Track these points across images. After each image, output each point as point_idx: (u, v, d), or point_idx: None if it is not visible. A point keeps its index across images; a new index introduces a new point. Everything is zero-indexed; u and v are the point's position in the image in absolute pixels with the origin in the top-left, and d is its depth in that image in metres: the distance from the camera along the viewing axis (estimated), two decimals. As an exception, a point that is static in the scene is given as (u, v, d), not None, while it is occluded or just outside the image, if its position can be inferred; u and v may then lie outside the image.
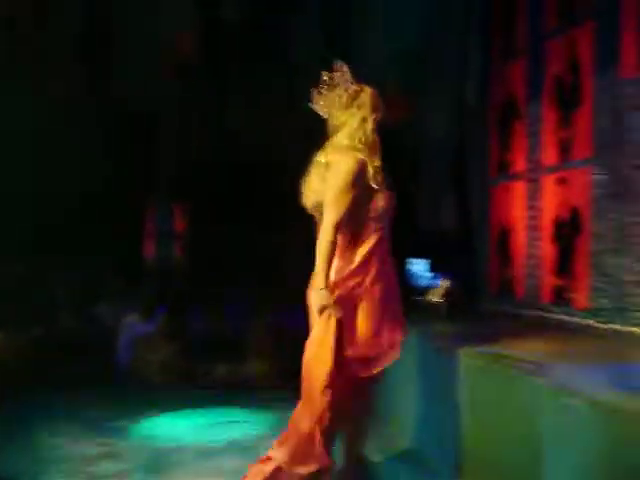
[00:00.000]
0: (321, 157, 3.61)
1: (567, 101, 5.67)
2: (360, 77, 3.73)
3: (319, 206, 3.51)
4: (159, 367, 6.72)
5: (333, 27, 8.38)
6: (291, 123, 9.12)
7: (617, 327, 4.93)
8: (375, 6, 7.59)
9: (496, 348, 3.89)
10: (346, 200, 3.39)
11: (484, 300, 6.92)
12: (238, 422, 5.36)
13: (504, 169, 6.70)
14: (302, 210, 3.68)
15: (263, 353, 6.73)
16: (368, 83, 3.76)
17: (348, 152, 3.52)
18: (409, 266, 7.29)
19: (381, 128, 3.72)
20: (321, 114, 3.73)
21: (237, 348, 6.82)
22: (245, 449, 4.60)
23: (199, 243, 9.81)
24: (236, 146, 9.62)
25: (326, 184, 3.46)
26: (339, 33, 8.22)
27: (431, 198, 3.91)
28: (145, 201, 9.25)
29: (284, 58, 8.85)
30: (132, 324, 7.09)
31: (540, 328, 5.40)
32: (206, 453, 4.56)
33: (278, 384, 6.52)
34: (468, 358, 3.77)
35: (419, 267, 6.42)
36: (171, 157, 9.30)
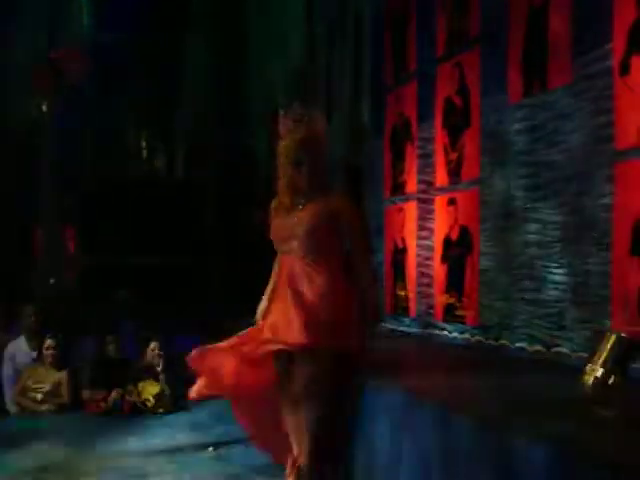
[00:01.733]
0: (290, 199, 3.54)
1: (456, 124, 5.82)
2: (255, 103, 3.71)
3: (287, 240, 3.48)
4: (45, 396, 6.45)
5: (222, 46, 8.37)
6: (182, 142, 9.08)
7: (505, 342, 5.06)
8: (266, 27, 7.62)
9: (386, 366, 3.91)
10: None
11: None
12: (129, 449, 5.18)
13: (398, 189, 6.81)
14: (201, 234, 3.62)
15: (155, 379, 6.56)
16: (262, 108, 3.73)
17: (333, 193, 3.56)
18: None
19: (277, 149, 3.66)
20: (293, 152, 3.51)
21: (129, 374, 6.63)
22: (137, 477, 4.45)
23: (90, 267, 9.57)
24: (133, 167, 9.48)
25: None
26: (229, 52, 8.21)
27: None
28: (32, 222, 8.96)
29: (174, 76, 8.79)
30: (17, 352, 6.78)
31: (431, 346, 5.48)
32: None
33: (170, 409, 6.39)
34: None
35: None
36: (59, 177, 9.04)
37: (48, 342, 6.58)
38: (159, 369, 6.63)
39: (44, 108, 8.45)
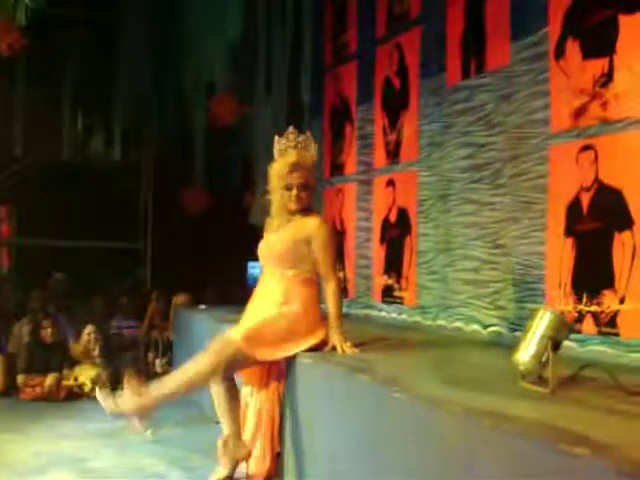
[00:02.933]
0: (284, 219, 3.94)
1: (395, 105, 5.84)
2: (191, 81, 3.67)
3: (276, 255, 3.90)
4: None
5: (158, 24, 8.20)
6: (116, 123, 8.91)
7: (443, 323, 5.13)
8: (204, 4, 7.49)
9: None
10: None
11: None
12: (65, 433, 5.10)
13: (337, 170, 6.81)
14: (136, 218, 3.60)
15: (92, 362, 6.48)
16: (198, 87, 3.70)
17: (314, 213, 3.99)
18: (250, 269, 7.27)
19: (214, 130, 3.72)
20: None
21: (65, 358, 6.53)
22: (74, 462, 4.39)
23: (24, 250, 9.38)
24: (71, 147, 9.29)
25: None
26: (165, 30, 8.07)
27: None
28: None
29: (111, 55, 8.61)
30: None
31: (370, 326, 5.51)
32: (32, 469, 4.29)
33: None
34: (297, 357, 3.77)
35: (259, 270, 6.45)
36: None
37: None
38: (95, 353, 6.55)
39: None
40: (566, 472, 1.93)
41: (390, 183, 5.89)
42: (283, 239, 3.90)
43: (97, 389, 3.97)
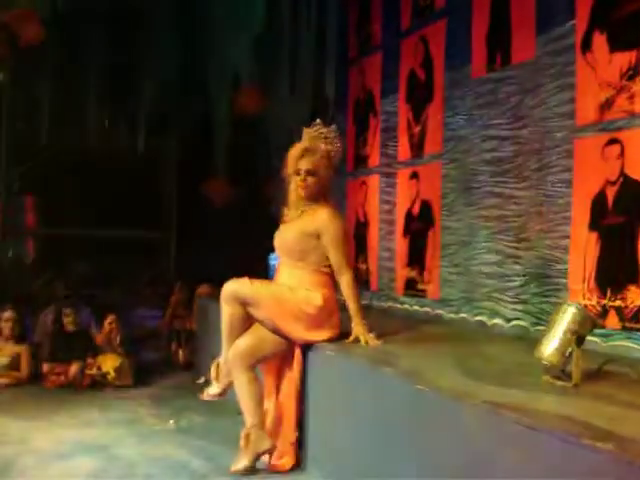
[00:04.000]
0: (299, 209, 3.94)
1: (419, 97, 5.82)
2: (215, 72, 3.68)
3: (286, 246, 3.92)
4: (3, 369, 6.36)
5: (183, 14, 8.20)
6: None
7: (465, 316, 5.12)
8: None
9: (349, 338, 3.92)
10: None
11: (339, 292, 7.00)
12: (89, 421, 5.15)
13: (360, 163, 6.81)
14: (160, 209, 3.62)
15: (115, 352, 6.52)
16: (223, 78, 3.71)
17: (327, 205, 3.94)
18: (270, 261, 7.29)
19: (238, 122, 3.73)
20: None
21: (89, 347, 6.58)
22: (97, 449, 4.43)
23: (51, 239, 9.46)
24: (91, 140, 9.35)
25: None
26: (189, 27, 8.07)
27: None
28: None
29: (136, 45, 8.63)
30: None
31: (392, 319, 5.51)
32: (57, 456, 4.34)
33: (130, 383, 6.36)
34: (320, 349, 3.78)
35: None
36: (19, 146, 8.90)
37: (6, 314, 6.48)
38: (117, 342, 6.59)
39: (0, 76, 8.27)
40: (589, 466, 1.93)
41: (414, 176, 5.88)
42: (292, 231, 3.90)
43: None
